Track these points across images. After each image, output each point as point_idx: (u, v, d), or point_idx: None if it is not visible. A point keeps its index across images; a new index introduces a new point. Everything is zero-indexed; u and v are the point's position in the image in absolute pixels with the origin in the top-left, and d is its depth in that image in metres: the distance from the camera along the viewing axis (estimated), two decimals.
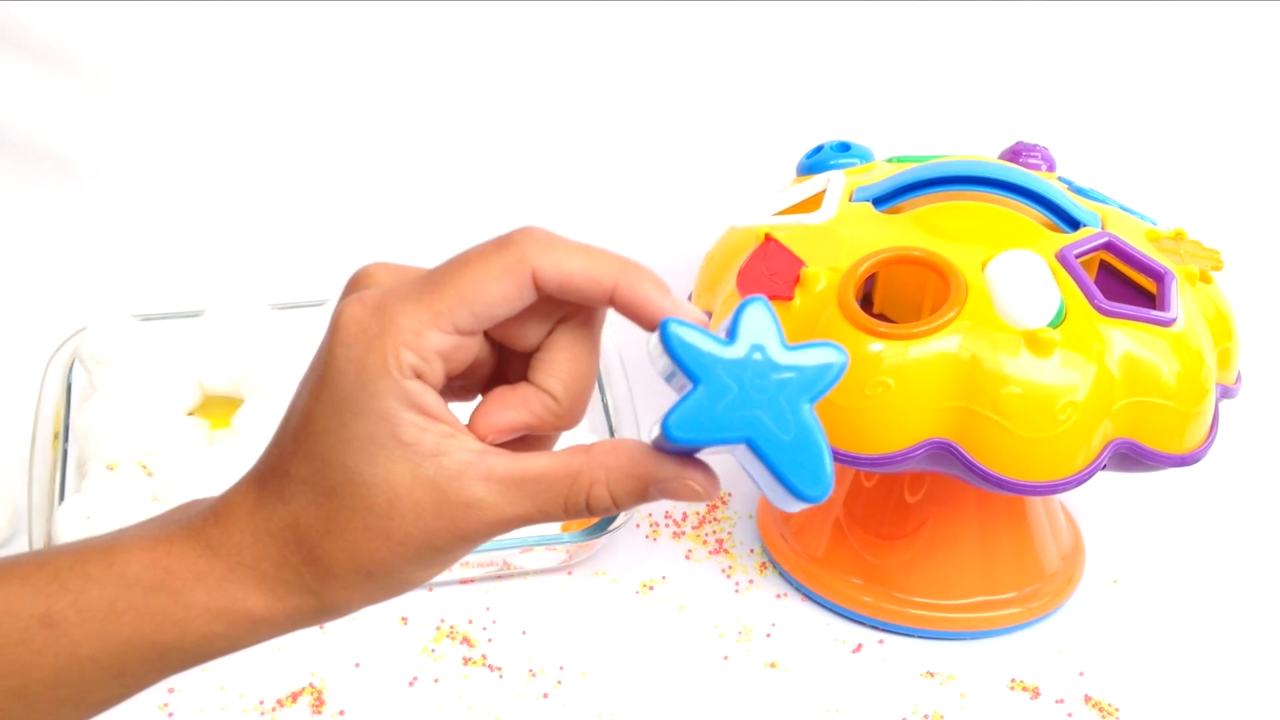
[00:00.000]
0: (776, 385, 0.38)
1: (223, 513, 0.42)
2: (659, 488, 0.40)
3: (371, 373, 0.39)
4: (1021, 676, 0.77)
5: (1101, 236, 0.74)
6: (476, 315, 0.39)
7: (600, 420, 0.87)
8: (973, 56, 0.97)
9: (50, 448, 0.83)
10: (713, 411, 0.37)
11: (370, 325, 0.39)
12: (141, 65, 0.96)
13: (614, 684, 0.75)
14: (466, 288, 0.39)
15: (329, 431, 0.39)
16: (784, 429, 0.38)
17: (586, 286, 0.40)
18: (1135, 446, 0.70)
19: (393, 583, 0.41)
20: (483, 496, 0.40)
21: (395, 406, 0.39)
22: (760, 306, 0.38)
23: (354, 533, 0.40)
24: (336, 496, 0.40)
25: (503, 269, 0.39)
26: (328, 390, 0.39)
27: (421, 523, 0.40)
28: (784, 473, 0.38)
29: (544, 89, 0.98)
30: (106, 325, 0.85)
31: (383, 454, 0.39)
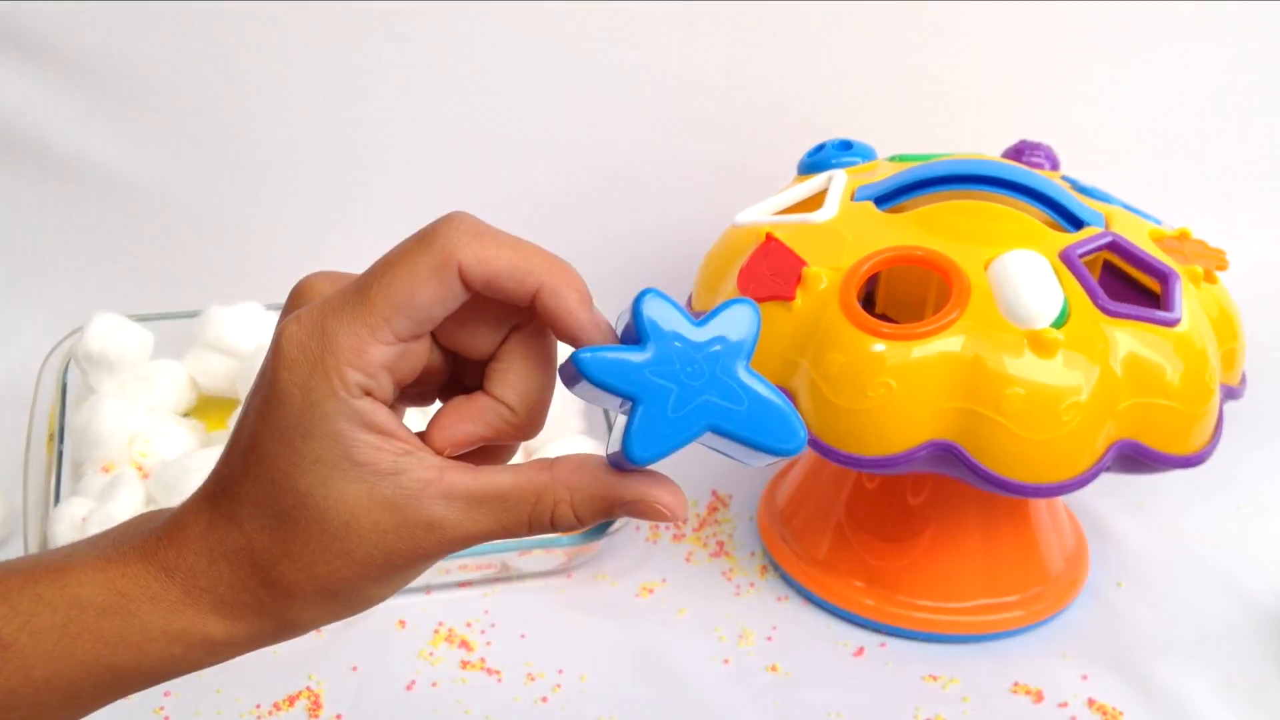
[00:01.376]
0: (708, 362, 0.38)
1: (175, 533, 0.41)
2: (624, 509, 0.40)
3: (318, 395, 0.38)
4: (1024, 680, 0.76)
5: (1105, 236, 0.74)
6: (414, 320, 0.38)
7: (600, 420, 0.86)
8: (975, 54, 0.97)
9: (46, 449, 0.83)
10: (664, 419, 0.37)
11: (311, 346, 0.38)
12: (141, 65, 0.95)
13: (613, 688, 0.75)
14: (397, 293, 0.38)
15: (279, 455, 0.39)
16: (736, 400, 0.38)
17: (510, 286, 0.39)
18: (1139, 448, 0.70)
19: (355, 600, 0.41)
20: (444, 515, 0.39)
21: (346, 427, 0.38)
22: (654, 298, 0.37)
23: (311, 555, 0.39)
24: (290, 520, 0.39)
25: (430, 269, 0.38)
26: (274, 413, 0.39)
27: (383, 543, 0.39)
28: (756, 439, 0.38)
29: (544, 89, 0.97)
30: (102, 326, 0.85)
31: (336, 475, 0.38)
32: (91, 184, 0.98)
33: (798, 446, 0.38)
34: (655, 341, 0.37)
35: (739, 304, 0.39)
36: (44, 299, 1.00)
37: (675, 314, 0.37)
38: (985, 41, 0.97)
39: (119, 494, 0.77)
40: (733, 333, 0.38)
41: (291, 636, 0.42)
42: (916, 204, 0.77)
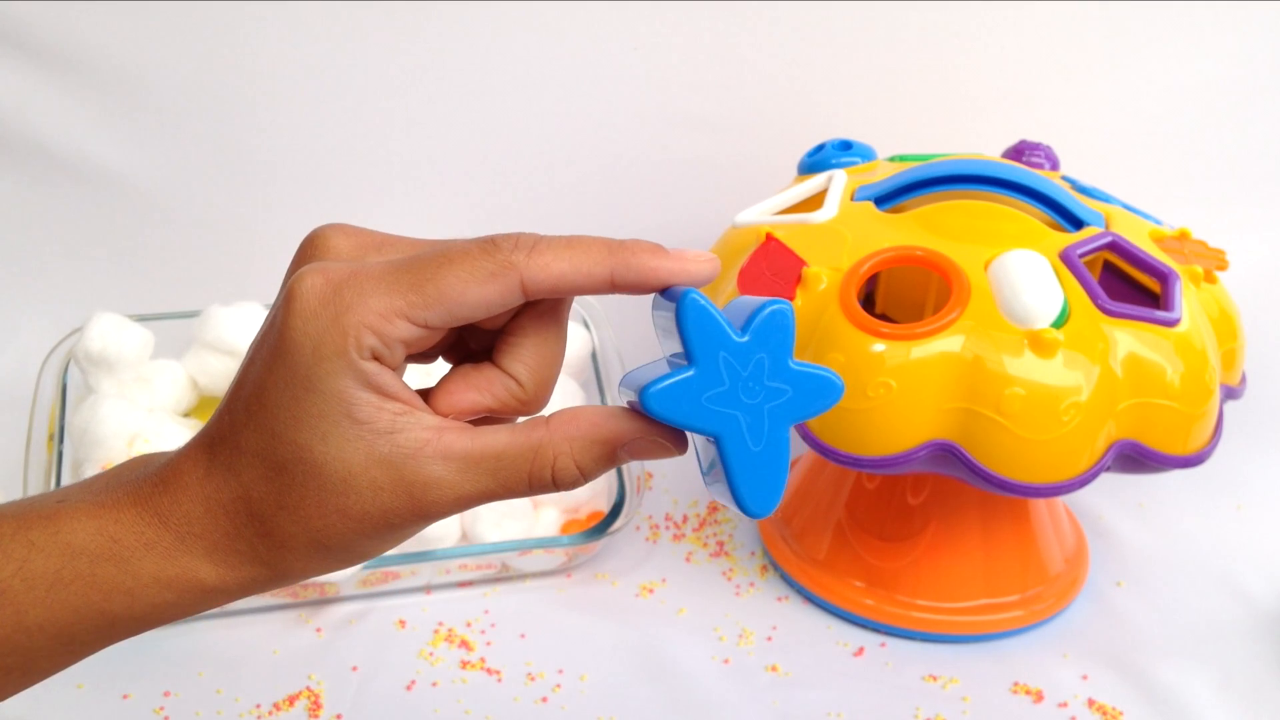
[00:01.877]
0: (768, 393, 0.38)
1: (171, 480, 0.41)
2: (628, 449, 0.40)
3: (328, 350, 0.38)
4: (1025, 680, 0.76)
5: (1105, 236, 0.74)
6: (452, 315, 0.39)
7: None
8: (975, 54, 0.97)
9: (46, 449, 0.83)
10: (697, 397, 0.37)
11: (332, 301, 0.38)
12: (141, 65, 0.95)
13: (613, 688, 0.75)
14: (448, 287, 0.38)
15: (281, 406, 0.39)
16: (756, 440, 0.38)
17: (581, 283, 0.39)
18: (1139, 448, 0.70)
19: (348, 555, 0.41)
20: (441, 475, 0.39)
21: (349, 385, 0.38)
22: (784, 312, 0.37)
23: (308, 508, 0.39)
24: (288, 473, 0.39)
25: (488, 274, 0.38)
26: (281, 363, 0.39)
27: (379, 501, 0.39)
28: (738, 481, 0.38)
29: (544, 89, 0.97)
30: (102, 326, 0.85)
31: (335, 432, 0.39)
32: (91, 184, 0.98)
33: (758, 514, 0.39)
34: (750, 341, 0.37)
35: (834, 377, 0.39)
36: (44, 299, 1.00)
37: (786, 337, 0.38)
38: (985, 41, 0.97)
39: None
40: (807, 392, 0.38)
41: (282, 585, 0.42)
42: (916, 204, 0.77)
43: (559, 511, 0.83)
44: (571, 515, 0.83)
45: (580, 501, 0.83)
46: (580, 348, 0.88)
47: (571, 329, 0.88)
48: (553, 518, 0.83)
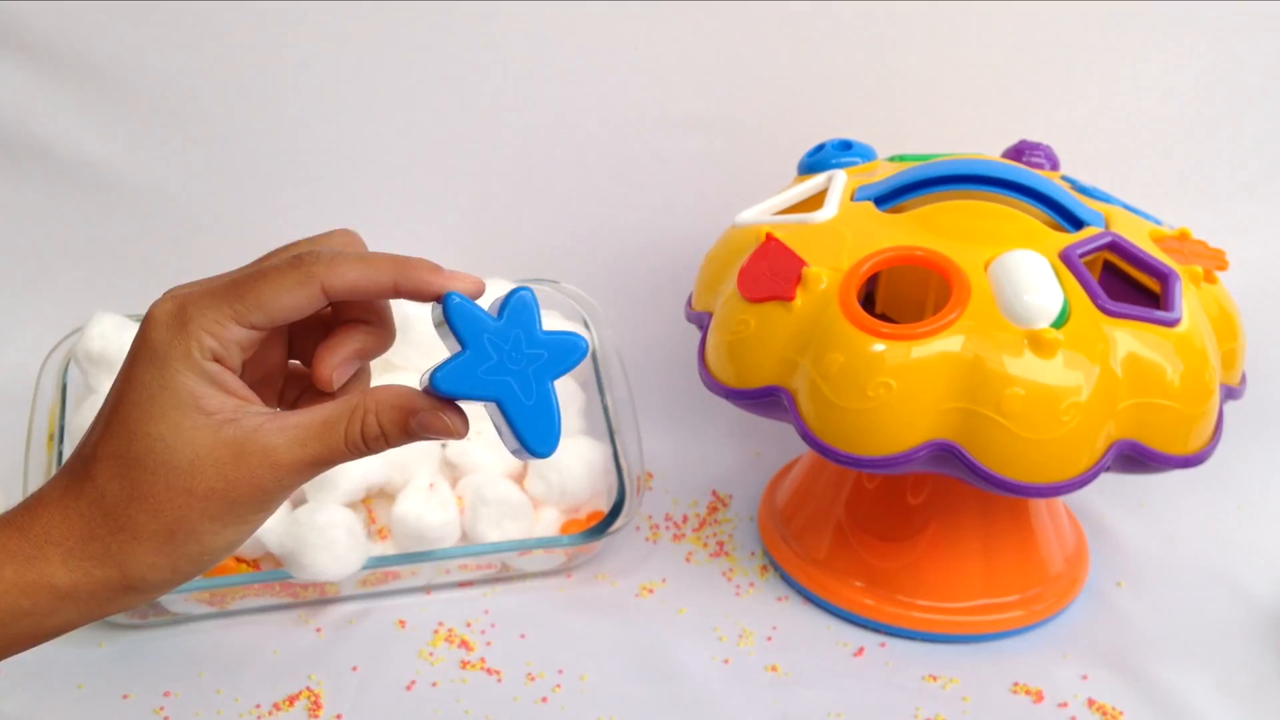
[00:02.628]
0: (528, 359, 0.46)
1: (33, 502, 0.47)
2: (418, 420, 0.46)
3: (176, 353, 0.45)
4: (1024, 680, 0.76)
5: (1105, 236, 0.74)
6: (271, 317, 0.46)
7: (600, 420, 0.86)
8: (975, 54, 0.97)
9: (45, 449, 0.83)
10: (474, 372, 0.46)
11: (177, 316, 0.46)
12: (141, 65, 0.95)
13: (613, 688, 0.75)
14: (266, 296, 0.46)
15: (138, 405, 0.45)
16: (528, 396, 0.46)
17: (371, 289, 0.47)
18: (1139, 448, 0.70)
19: (195, 542, 0.46)
20: (277, 444, 0.46)
21: (197, 382, 0.45)
22: (527, 294, 0.46)
23: (158, 493, 0.45)
24: (141, 463, 0.45)
25: (295, 283, 0.46)
26: (138, 371, 0.46)
27: (223, 475, 0.45)
28: (521, 431, 0.46)
29: (544, 89, 0.97)
30: (102, 326, 0.85)
31: (187, 421, 0.45)
32: (91, 184, 0.98)
33: (544, 453, 0.47)
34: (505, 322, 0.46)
35: (577, 337, 0.48)
36: (44, 299, 1.00)
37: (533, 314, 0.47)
38: (985, 41, 0.96)
39: None
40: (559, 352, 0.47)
41: (134, 599, 0.47)
42: (916, 204, 0.77)
43: (559, 511, 0.83)
44: (571, 515, 0.83)
45: (580, 501, 0.83)
46: None
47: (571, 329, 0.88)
48: (553, 518, 0.83)
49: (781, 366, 0.72)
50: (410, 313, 0.84)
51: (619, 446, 0.85)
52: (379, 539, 0.80)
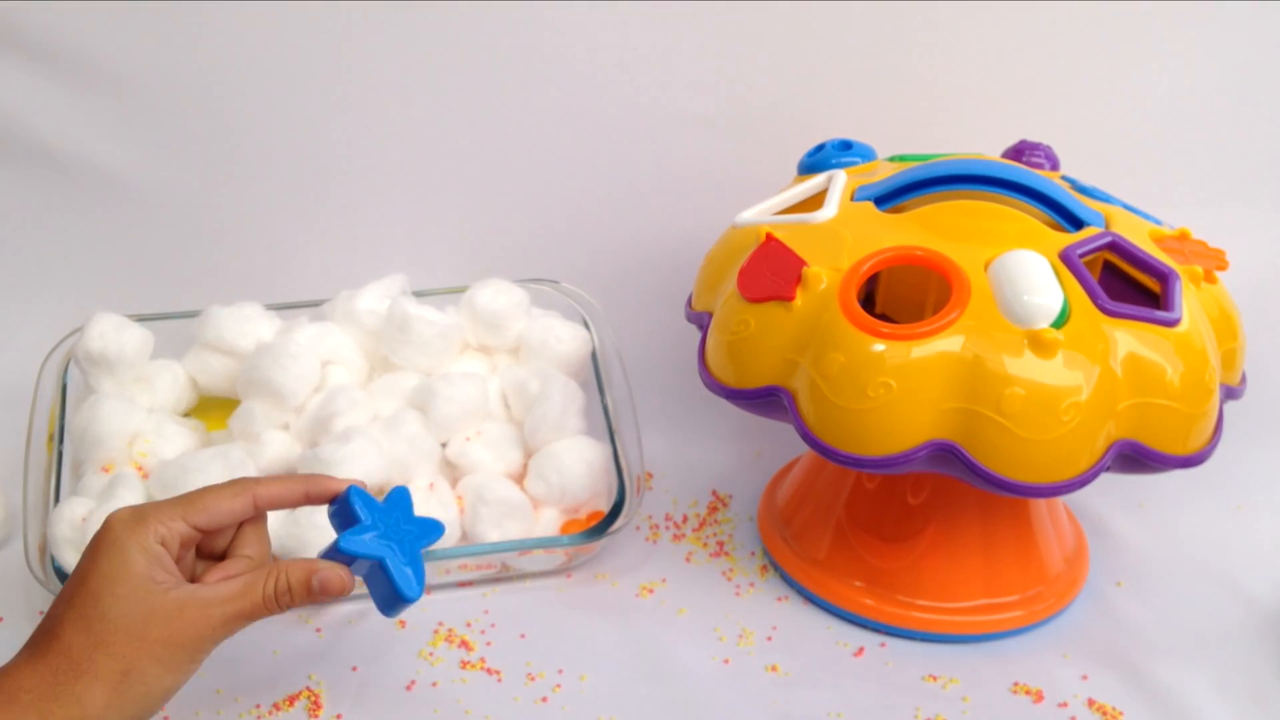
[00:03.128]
0: (404, 533, 0.63)
1: (7, 667, 0.58)
2: (318, 578, 0.61)
3: (134, 541, 0.59)
4: (1024, 680, 0.76)
5: (1105, 236, 0.74)
6: (211, 520, 0.62)
7: (600, 420, 0.86)
8: (975, 54, 0.97)
9: (46, 449, 0.83)
10: (364, 539, 0.62)
11: (135, 514, 0.60)
12: (141, 65, 0.95)
13: (613, 688, 0.75)
14: (210, 503, 0.62)
15: (101, 577, 0.58)
16: (404, 558, 0.63)
17: (289, 498, 0.64)
18: (1139, 448, 0.70)
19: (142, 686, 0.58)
20: (211, 599, 0.59)
21: (149, 561, 0.59)
22: (404, 490, 0.65)
23: (118, 640, 0.57)
24: (105, 617, 0.57)
25: (233, 494, 0.63)
26: (100, 554, 0.59)
27: (170, 625, 0.58)
28: (396, 580, 0.62)
29: (544, 89, 0.97)
30: (102, 326, 0.85)
31: (141, 587, 0.58)
32: (91, 184, 0.98)
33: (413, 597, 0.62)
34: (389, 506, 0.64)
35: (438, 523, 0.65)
36: (44, 299, 1.00)
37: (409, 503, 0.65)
38: (985, 41, 0.96)
39: (119, 494, 0.77)
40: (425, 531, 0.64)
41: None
42: (916, 204, 0.77)
43: (559, 511, 0.83)
44: (571, 515, 0.83)
45: (580, 501, 0.83)
46: (580, 348, 0.88)
47: (571, 329, 0.88)
48: (553, 518, 0.82)
49: (781, 366, 0.72)
50: (410, 313, 0.84)
51: (619, 446, 0.85)
52: None
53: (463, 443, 0.83)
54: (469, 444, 0.83)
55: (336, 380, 0.85)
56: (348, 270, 0.95)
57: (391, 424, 0.81)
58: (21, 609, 0.79)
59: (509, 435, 0.84)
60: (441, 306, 0.88)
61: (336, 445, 0.78)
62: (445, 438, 0.83)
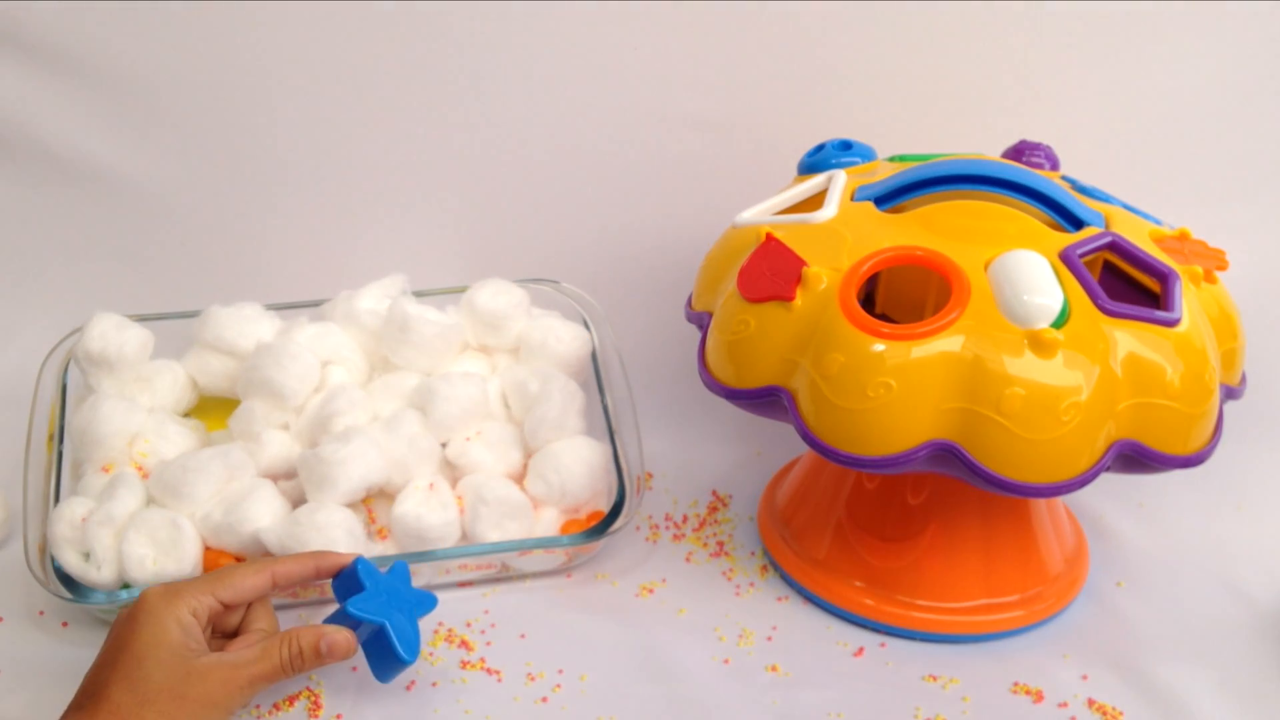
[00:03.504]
0: (403, 601, 0.71)
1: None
2: (325, 640, 0.69)
3: (169, 613, 0.67)
4: (1024, 680, 0.76)
5: (1105, 236, 0.74)
6: (237, 595, 0.71)
7: (600, 420, 0.86)
8: (975, 54, 0.97)
9: (46, 449, 0.83)
10: (372, 604, 0.70)
11: (169, 590, 0.69)
12: (141, 65, 0.95)
13: (613, 688, 0.75)
14: (236, 580, 0.71)
15: (145, 644, 0.66)
16: (405, 623, 0.70)
17: (304, 575, 0.73)
18: (1139, 448, 0.70)
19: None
20: (237, 663, 0.67)
21: (182, 630, 0.67)
22: (403, 564, 0.74)
23: (162, 698, 0.64)
24: (150, 679, 0.65)
25: (255, 572, 0.71)
26: (141, 624, 0.67)
27: (205, 685, 0.66)
28: (396, 646, 0.69)
29: (544, 89, 0.97)
30: (102, 326, 0.85)
31: (179, 653, 0.66)
32: (91, 184, 0.98)
33: (410, 660, 0.70)
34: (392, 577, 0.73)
35: (431, 595, 0.73)
36: (44, 299, 1.00)
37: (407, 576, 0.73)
38: (985, 41, 0.96)
39: (119, 494, 0.77)
40: (422, 601, 0.72)
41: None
42: (916, 204, 0.77)
43: (559, 511, 0.83)
44: (571, 515, 0.83)
45: (580, 501, 0.83)
46: (580, 348, 0.88)
47: (571, 329, 0.88)
48: (553, 518, 0.82)
49: (781, 366, 0.72)
50: (410, 313, 0.84)
51: (619, 446, 0.85)
52: (379, 539, 0.80)
53: (463, 443, 0.83)
54: (469, 444, 0.83)
55: (336, 380, 0.85)
56: (348, 270, 0.95)
57: (391, 424, 0.81)
58: (21, 609, 0.79)
59: (509, 435, 0.84)
60: (441, 306, 0.88)
61: (336, 445, 0.78)
62: (445, 438, 0.83)
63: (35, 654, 0.76)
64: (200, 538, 0.77)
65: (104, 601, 0.75)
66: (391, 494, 0.80)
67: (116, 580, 0.76)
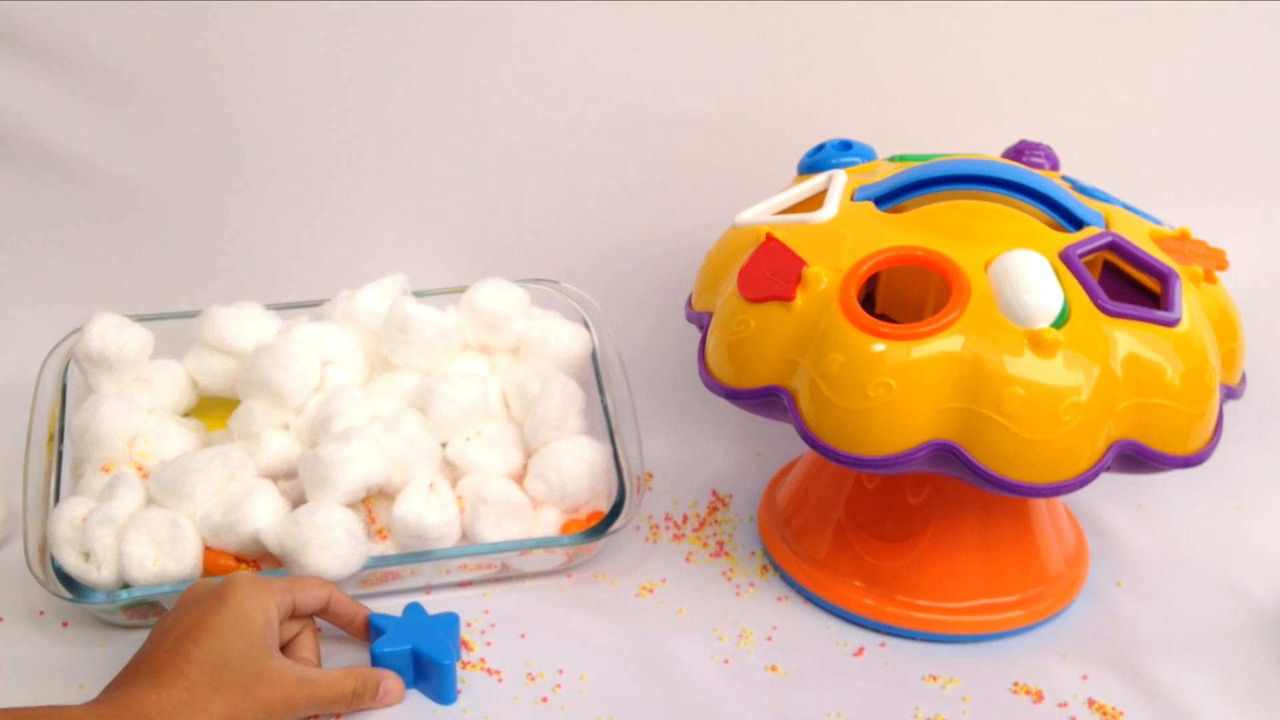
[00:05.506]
0: (426, 628, 0.73)
1: (128, 689, 0.64)
2: (384, 685, 0.71)
3: (262, 600, 0.68)
4: (1024, 680, 0.76)
5: (1105, 236, 0.74)
6: (307, 601, 0.72)
7: (600, 420, 0.86)
8: (975, 54, 0.97)
9: (45, 449, 0.83)
10: (393, 639, 0.73)
11: (259, 581, 0.69)
12: (141, 65, 0.95)
13: (613, 688, 0.75)
14: (307, 585, 0.72)
15: (229, 628, 0.66)
16: (431, 640, 0.73)
17: (345, 617, 0.74)
18: (1139, 448, 0.70)
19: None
20: (304, 680, 0.68)
21: (266, 626, 0.67)
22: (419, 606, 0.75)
23: (234, 690, 0.65)
24: (229, 668, 0.65)
25: (320, 585, 0.73)
26: (229, 605, 0.67)
27: (274, 691, 0.66)
28: (430, 654, 0.72)
29: (544, 89, 0.97)
30: (102, 326, 0.85)
31: (258, 646, 0.66)
32: (91, 184, 0.98)
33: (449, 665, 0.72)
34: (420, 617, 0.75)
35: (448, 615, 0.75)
36: (44, 299, 1.00)
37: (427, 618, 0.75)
38: (985, 41, 0.96)
39: (119, 494, 0.77)
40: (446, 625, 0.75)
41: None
42: (916, 204, 0.77)
43: (559, 511, 0.83)
44: (571, 515, 0.83)
45: (580, 501, 0.83)
46: (580, 348, 0.88)
47: (571, 329, 0.88)
48: (553, 518, 0.82)
49: (781, 366, 0.72)
50: (410, 313, 0.84)
51: (619, 446, 0.85)
52: (379, 539, 0.80)
53: (463, 443, 0.83)
54: (469, 444, 0.83)
55: (336, 380, 0.85)
56: (348, 270, 0.95)
57: (391, 424, 0.81)
58: (21, 609, 0.79)
59: (509, 435, 0.84)
60: (441, 306, 0.88)
61: (336, 445, 0.78)
62: (445, 438, 0.83)
63: (35, 654, 0.76)
64: (200, 538, 0.77)
65: (104, 601, 0.75)
66: (391, 494, 0.80)
67: (116, 580, 0.76)
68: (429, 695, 0.73)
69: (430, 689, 0.73)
